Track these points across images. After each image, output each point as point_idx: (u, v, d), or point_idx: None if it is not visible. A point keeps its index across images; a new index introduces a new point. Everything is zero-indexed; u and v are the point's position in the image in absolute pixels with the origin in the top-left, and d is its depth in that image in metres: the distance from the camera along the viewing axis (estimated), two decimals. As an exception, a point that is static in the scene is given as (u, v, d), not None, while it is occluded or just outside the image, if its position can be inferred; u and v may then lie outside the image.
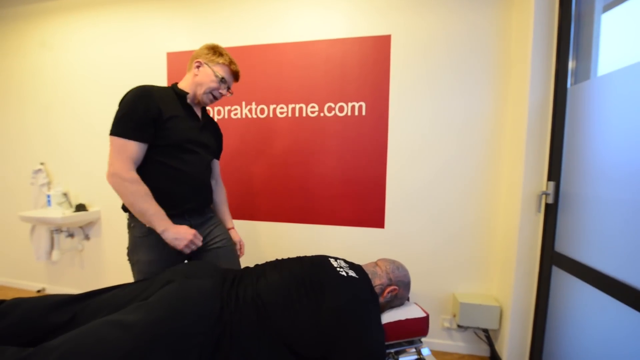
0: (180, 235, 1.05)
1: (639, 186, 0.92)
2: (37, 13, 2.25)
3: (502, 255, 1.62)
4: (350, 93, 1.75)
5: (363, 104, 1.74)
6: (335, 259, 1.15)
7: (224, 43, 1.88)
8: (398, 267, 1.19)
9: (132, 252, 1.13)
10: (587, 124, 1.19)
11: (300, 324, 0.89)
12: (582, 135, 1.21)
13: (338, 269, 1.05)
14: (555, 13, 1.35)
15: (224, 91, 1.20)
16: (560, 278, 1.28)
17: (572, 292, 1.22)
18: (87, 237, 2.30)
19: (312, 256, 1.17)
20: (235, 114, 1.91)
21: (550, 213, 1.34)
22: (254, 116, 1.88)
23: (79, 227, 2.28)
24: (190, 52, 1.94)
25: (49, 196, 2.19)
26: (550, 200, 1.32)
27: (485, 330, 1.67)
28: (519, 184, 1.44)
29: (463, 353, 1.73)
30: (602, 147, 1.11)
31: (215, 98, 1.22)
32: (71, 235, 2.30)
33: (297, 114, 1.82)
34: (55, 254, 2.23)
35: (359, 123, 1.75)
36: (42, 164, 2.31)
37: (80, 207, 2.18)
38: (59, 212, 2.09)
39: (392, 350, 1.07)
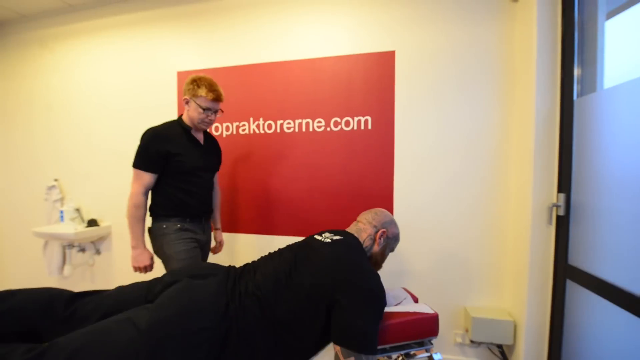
0: (139, 258, 1.38)
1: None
2: (51, 36, 2.35)
3: (514, 268, 1.59)
4: (356, 108, 1.77)
5: (369, 118, 1.76)
6: (320, 233, 1.17)
7: (232, 61, 1.96)
8: (376, 212, 1.20)
9: (166, 248, 1.39)
10: (596, 135, 1.18)
11: (293, 301, 0.89)
12: (592, 146, 1.20)
13: (323, 240, 1.08)
14: (558, 23, 1.36)
15: (212, 117, 1.43)
16: (575, 292, 1.25)
17: (588, 306, 1.19)
18: (98, 252, 2.33)
19: (300, 240, 1.18)
20: (244, 130, 1.95)
21: (562, 225, 1.32)
22: (262, 132, 1.92)
23: (90, 242, 2.32)
24: (200, 70, 2.02)
25: (62, 212, 2.24)
26: (562, 212, 1.30)
27: (500, 346, 1.63)
28: (529, 195, 1.42)
29: (477, 369, 1.69)
30: (613, 159, 1.10)
31: (209, 123, 1.45)
32: (82, 250, 2.33)
33: (303, 129, 1.85)
34: (67, 269, 2.26)
35: (365, 137, 1.77)
36: (56, 180, 2.37)
37: (92, 223, 2.22)
38: (72, 228, 2.13)
39: (402, 353, 1.05)
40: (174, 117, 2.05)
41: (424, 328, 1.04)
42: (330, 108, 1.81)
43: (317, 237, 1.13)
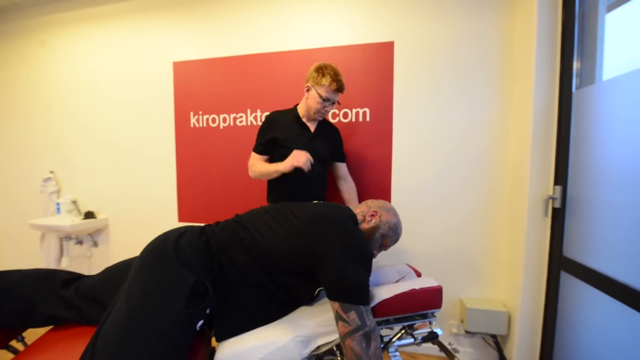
0: (295, 156, 1.33)
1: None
2: (45, 25, 2.30)
3: (510, 260, 1.60)
4: (354, 99, 1.76)
5: (367, 110, 1.75)
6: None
7: (229, 52, 1.93)
8: (378, 200, 1.20)
9: None
10: (593, 128, 1.19)
11: (276, 238, 0.95)
12: (589, 139, 1.20)
13: (315, 202, 1.12)
14: (559, 15, 1.35)
15: (329, 108, 1.40)
16: (569, 283, 1.27)
17: (581, 297, 1.21)
18: (95, 244, 2.33)
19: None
20: (241, 122, 1.93)
21: (558, 217, 1.33)
22: (259, 123, 1.90)
23: (88, 235, 2.31)
24: (196, 61, 1.99)
25: (58, 204, 2.23)
26: (558, 205, 1.31)
27: (494, 336, 1.65)
28: (525, 188, 1.43)
29: (472, 359, 1.72)
30: (609, 151, 1.11)
31: (324, 114, 1.44)
32: (80, 242, 2.33)
33: (301, 121, 1.84)
34: (64, 261, 2.26)
35: (364, 129, 1.76)
36: (51, 172, 2.35)
37: (89, 215, 2.21)
38: (69, 220, 2.12)
39: (405, 324, 1.06)
40: (170, 107, 2.06)
41: (428, 300, 1.04)
42: (328, 100, 1.79)
43: (313, 201, 1.18)
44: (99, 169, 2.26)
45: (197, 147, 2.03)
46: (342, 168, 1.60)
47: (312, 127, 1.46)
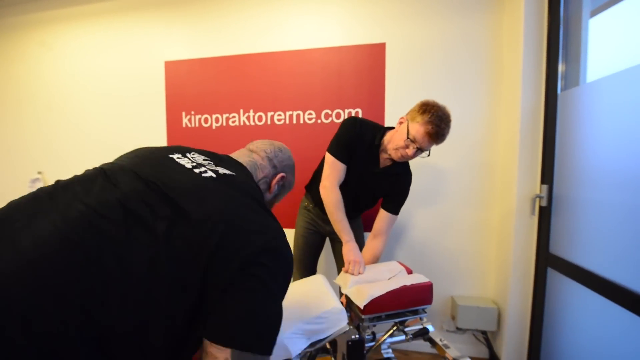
0: (348, 256, 1.20)
1: (630, 189, 0.95)
2: (37, 22, 2.25)
3: (499, 257, 1.64)
4: (346, 100, 1.78)
5: (359, 110, 1.77)
6: (182, 151, 0.69)
7: (221, 51, 1.92)
8: (279, 147, 0.86)
9: (298, 218, 1.52)
10: (578, 128, 1.23)
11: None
12: (574, 139, 1.24)
13: (196, 170, 0.61)
14: (545, 19, 1.39)
15: (411, 152, 1.12)
16: (556, 280, 1.31)
17: (567, 293, 1.25)
18: (85, 246, 2.29)
19: (132, 157, 0.68)
20: (234, 122, 1.93)
21: (545, 216, 1.36)
22: (252, 123, 1.90)
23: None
24: (188, 60, 1.98)
25: (46, 205, 2.18)
26: (544, 203, 1.35)
27: (484, 332, 1.68)
28: (513, 187, 1.46)
29: (462, 355, 1.74)
30: (593, 151, 1.14)
31: (400, 158, 1.17)
32: (69, 244, 2.29)
33: (294, 121, 1.85)
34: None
35: (356, 129, 1.78)
36: (39, 172, 2.31)
37: (78, 216, 2.17)
38: (57, 221, 2.08)
39: (397, 321, 1.08)
40: (162, 107, 2.04)
41: (419, 296, 1.06)
42: (321, 100, 1.81)
43: (179, 159, 0.64)
44: (89, 169, 2.22)
45: (190, 147, 2.02)
46: (382, 220, 1.28)
47: (384, 161, 1.25)
